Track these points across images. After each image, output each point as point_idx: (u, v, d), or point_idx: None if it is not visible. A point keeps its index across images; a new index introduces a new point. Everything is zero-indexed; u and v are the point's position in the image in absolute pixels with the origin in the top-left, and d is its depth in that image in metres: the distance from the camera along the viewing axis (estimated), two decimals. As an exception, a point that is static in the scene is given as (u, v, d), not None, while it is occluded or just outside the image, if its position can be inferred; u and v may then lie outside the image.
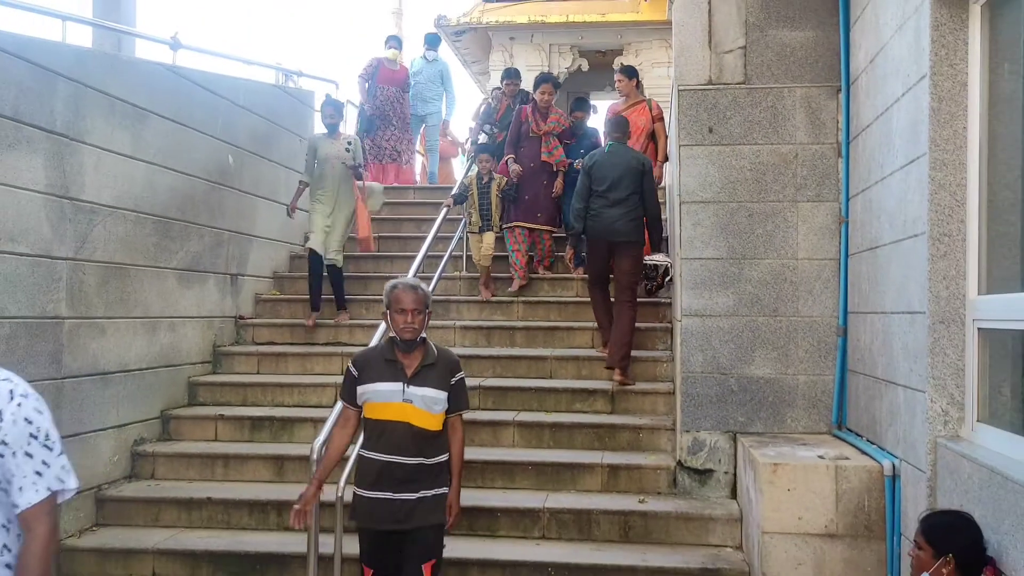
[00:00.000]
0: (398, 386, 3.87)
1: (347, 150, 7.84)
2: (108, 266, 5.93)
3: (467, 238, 8.57)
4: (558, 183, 8.43)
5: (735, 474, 5.65)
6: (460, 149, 12.78)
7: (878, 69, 4.70)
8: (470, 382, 6.96)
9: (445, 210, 8.27)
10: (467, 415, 6.75)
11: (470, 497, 5.64)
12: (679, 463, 5.79)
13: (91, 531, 5.70)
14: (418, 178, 11.85)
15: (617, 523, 5.44)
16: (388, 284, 3.99)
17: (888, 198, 4.48)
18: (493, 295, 8.29)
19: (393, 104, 10.89)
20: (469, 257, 8.67)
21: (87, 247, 5.70)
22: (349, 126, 11.47)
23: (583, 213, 6.76)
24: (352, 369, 4.01)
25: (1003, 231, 3.62)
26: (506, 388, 6.88)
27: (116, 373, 6.06)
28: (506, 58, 16.25)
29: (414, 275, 6.75)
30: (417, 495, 3.89)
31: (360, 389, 3.93)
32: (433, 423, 3.93)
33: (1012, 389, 3.55)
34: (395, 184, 10.93)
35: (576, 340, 7.56)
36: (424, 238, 7.72)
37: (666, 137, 8.05)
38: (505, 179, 8.28)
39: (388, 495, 3.86)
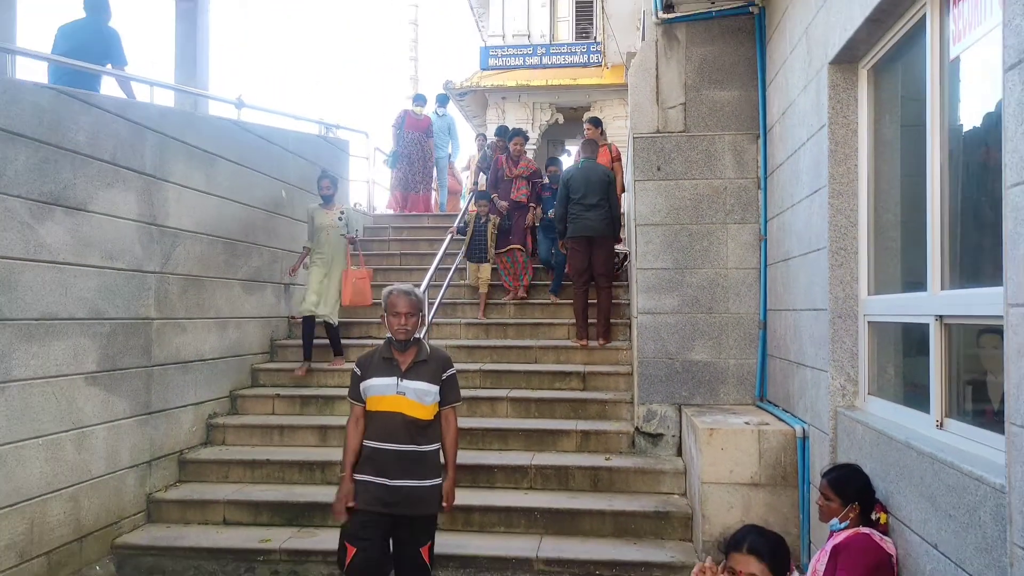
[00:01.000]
0: (393, 380, 3.56)
1: (340, 219, 7.05)
2: (187, 278, 5.90)
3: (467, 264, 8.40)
4: (529, 216, 8.31)
5: (680, 437, 5.64)
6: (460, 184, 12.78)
7: (788, 120, 4.72)
8: (472, 366, 7.02)
9: (449, 236, 8.15)
10: (469, 392, 6.78)
11: (474, 457, 5.66)
12: (636, 429, 5.78)
13: (175, 486, 5.66)
14: (433, 204, 11.81)
15: (588, 476, 5.42)
16: (385, 290, 3.69)
17: (797, 220, 4.49)
18: (485, 316, 7.96)
19: (418, 146, 10.95)
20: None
21: (171, 263, 5.68)
22: (378, 165, 11.51)
23: (563, 216, 6.96)
24: (356, 369, 3.70)
25: (886, 245, 3.64)
26: (500, 371, 6.86)
27: (194, 362, 6.03)
28: (499, 114, 16.28)
29: (428, 283, 6.76)
30: (411, 483, 3.52)
31: (363, 385, 3.61)
32: (425, 413, 3.58)
33: (894, 369, 3.57)
34: (415, 212, 10.97)
35: (556, 333, 7.55)
36: (435, 255, 7.69)
37: (623, 173, 8.00)
38: (498, 218, 8.19)
39: (383, 480, 3.51)
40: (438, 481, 3.62)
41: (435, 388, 3.61)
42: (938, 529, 2.57)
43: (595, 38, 16.24)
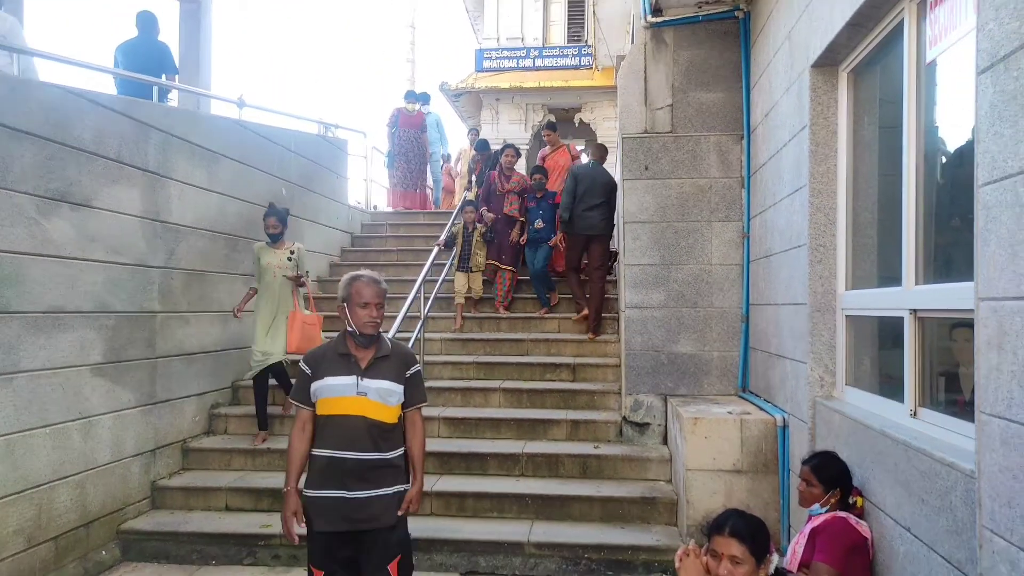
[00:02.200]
0: (352, 379, 3.00)
1: (289, 259, 5.94)
2: (190, 272, 5.87)
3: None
4: (514, 232, 7.83)
5: (666, 426, 5.66)
6: (454, 180, 12.63)
7: (771, 121, 4.73)
8: (467, 358, 7.01)
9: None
10: (462, 383, 6.79)
11: (467, 445, 5.67)
12: (624, 418, 5.79)
13: (179, 474, 5.64)
14: (429, 201, 11.70)
15: (578, 463, 5.43)
16: (347, 277, 3.10)
17: (779, 218, 4.51)
18: (462, 328, 7.55)
19: (412, 144, 10.82)
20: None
21: (174, 258, 5.65)
22: (375, 164, 11.44)
23: (570, 206, 6.86)
24: (304, 367, 3.09)
25: (863, 242, 3.65)
26: (494, 363, 6.85)
27: (197, 354, 6.00)
28: (494, 114, 16.25)
29: (423, 279, 6.72)
30: (374, 492, 3.00)
31: (314, 386, 3.03)
32: (389, 415, 3.06)
33: (870, 360, 3.58)
34: (414, 209, 10.89)
35: (547, 327, 7.54)
36: (430, 251, 7.65)
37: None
38: (484, 227, 7.91)
39: (342, 493, 2.97)
40: (405, 488, 3.14)
41: (399, 387, 3.09)
42: (911, 513, 2.59)
43: (586, 41, 16.22)
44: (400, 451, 3.13)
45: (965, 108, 2.55)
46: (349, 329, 3.08)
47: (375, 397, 3.02)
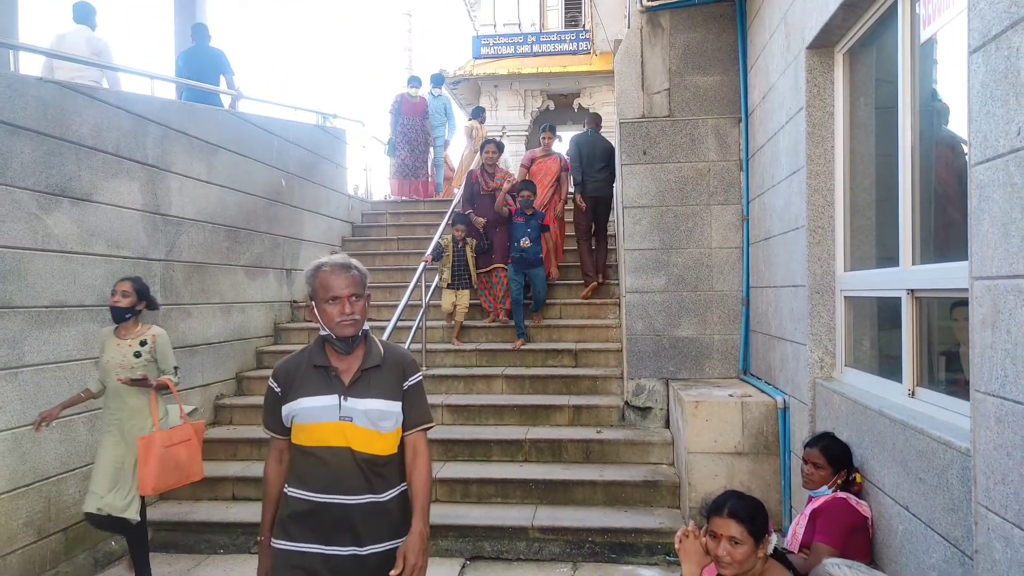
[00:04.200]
0: (332, 400, 2.28)
1: (137, 355, 3.96)
2: (191, 264, 5.89)
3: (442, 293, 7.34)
4: (499, 199, 7.33)
5: (668, 410, 5.69)
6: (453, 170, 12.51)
7: (768, 103, 4.71)
8: (469, 346, 7.03)
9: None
10: (465, 371, 6.79)
11: (471, 432, 5.70)
12: (626, 403, 5.82)
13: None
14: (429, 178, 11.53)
15: (581, 448, 5.46)
16: (310, 267, 2.37)
17: (777, 200, 4.51)
18: (461, 343, 7.04)
19: (416, 131, 10.67)
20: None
21: (175, 250, 5.67)
22: (374, 153, 11.37)
23: (581, 172, 7.25)
24: (273, 385, 2.38)
25: (861, 224, 3.65)
26: (496, 350, 6.88)
27: (201, 345, 6.04)
28: (492, 101, 16.20)
29: (423, 268, 6.64)
30: (366, 550, 2.26)
31: (286, 409, 2.32)
32: (383, 446, 2.31)
33: (869, 341, 3.60)
34: (415, 197, 10.76)
35: (550, 313, 7.53)
36: (430, 239, 7.53)
37: (568, 183, 7.85)
38: (476, 241, 7.24)
39: (321, 549, 2.26)
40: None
41: (396, 406, 2.35)
42: (909, 492, 2.62)
43: (583, 26, 16.12)
44: (400, 489, 2.38)
45: (959, 88, 2.55)
46: (323, 333, 2.36)
47: (364, 423, 2.29)
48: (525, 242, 6.87)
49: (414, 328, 6.40)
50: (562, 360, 6.72)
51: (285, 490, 2.36)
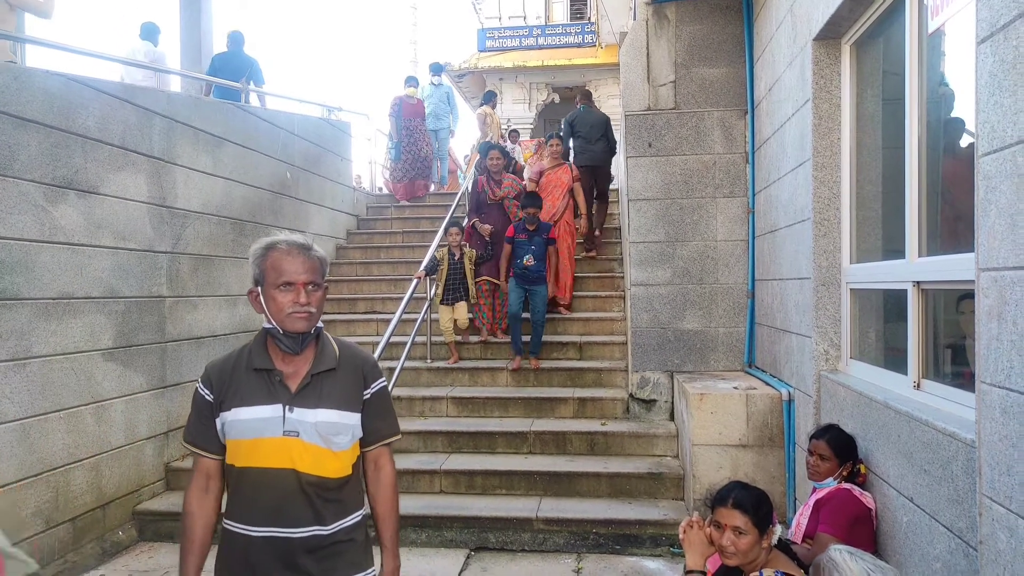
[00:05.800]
0: (275, 410, 1.89)
1: None
2: (197, 257, 5.91)
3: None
4: (511, 207, 7.05)
5: (672, 402, 5.69)
6: (458, 168, 12.44)
7: (774, 95, 4.70)
8: (473, 338, 7.01)
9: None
10: (471, 363, 6.78)
11: (476, 424, 5.71)
12: (631, 395, 5.83)
13: (190, 456, 5.71)
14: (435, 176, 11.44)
15: (585, 440, 5.48)
16: (259, 245, 1.96)
17: (783, 193, 4.50)
18: (458, 360, 6.69)
19: (419, 132, 10.44)
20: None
21: (181, 243, 5.69)
22: (379, 146, 11.30)
23: (568, 143, 7.90)
24: (203, 390, 1.97)
25: (867, 216, 3.64)
26: (501, 343, 6.89)
27: (206, 337, 6.06)
28: (497, 94, 16.16)
29: (427, 264, 6.59)
30: None
31: (221, 421, 1.93)
32: (335, 466, 1.93)
33: (875, 334, 3.59)
34: (419, 195, 10.59)
35: (554, 309, 7.54)
36: (435, 232, 7.38)
37: (581, 192, 7.46)
38: (475, 252, 6.76)
39: None
40: (371, 573, 2.02)
41: (353, 418, 1.97)
42: (914, 483, 2.62)
43: (589, 19, 16.08)
44: (357, 517, 2.00)
45: (967, 79, 2.53)
46: (267, 326, 1.95)
47: (312, 438, 1.90)
48: (528, 260, 6.41)
49: (419, 320, 6.40)
50: (567, 352, 6.73)
51: (224, 523, 1.96)
